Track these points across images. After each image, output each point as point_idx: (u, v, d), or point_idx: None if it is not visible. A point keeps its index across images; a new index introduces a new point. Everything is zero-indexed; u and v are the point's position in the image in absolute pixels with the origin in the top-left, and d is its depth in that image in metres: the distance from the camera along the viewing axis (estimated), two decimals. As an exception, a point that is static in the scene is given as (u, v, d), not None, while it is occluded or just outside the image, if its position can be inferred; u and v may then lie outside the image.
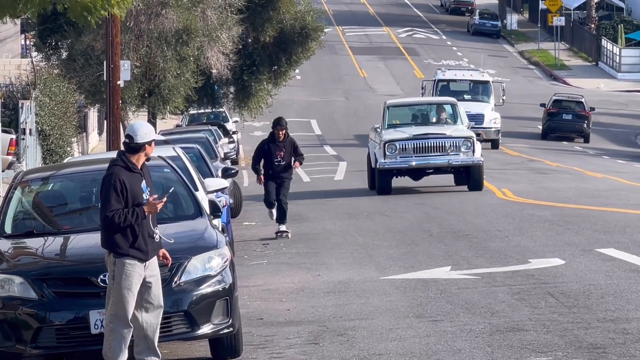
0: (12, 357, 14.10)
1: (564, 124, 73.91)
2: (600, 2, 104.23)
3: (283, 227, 23.84)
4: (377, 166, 45.79)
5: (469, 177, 44.92)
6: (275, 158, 24.35)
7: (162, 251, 13.88)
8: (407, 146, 45.18)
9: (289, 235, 23.71)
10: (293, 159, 25.43)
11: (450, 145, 44.30)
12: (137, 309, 13.51)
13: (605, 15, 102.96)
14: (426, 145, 44.98)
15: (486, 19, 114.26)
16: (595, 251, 22.71)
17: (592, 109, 73.15)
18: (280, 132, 24.66)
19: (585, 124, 71.31)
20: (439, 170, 47.04)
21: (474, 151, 44.34)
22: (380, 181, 46.39)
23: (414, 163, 45.14)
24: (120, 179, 13.53)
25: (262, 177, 24.76)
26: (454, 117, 48.22)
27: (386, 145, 45.40)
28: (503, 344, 14.70)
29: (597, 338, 14.51)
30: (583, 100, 75.03)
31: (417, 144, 44.90)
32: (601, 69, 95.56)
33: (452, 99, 51.32)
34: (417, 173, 47.28)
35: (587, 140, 71.30)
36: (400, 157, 45.21)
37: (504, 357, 13.88)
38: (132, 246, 13.53)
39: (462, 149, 44.02)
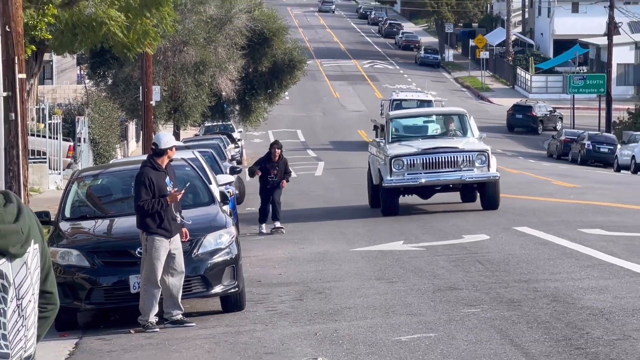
0: (71, 311, 14.08)
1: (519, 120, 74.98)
2: (516, 40, 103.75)
3: (278, 224, 22.96)
4: (383, 184, 31.74)
5: (483, 194, 32.45)
6: (269, 175, 23.65)
7: (184, 230, 14.23)
8: (415, 162, 31.85)
9: (283, 231, 22.70)
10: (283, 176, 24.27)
11: (464, 160, 31.97)
12: (164, 274, 13.84)
13: (519, 50, 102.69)
14: (437, 160, 32.01)
15: (429, 53, 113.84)
16: (512, 229, 23.08)
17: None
18: (276, 152, 23.95)
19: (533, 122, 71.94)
20: (450, 187, 33.61)
21: (489, 166, 32.28)
22: (386, 200, 32.20)
23: (423, 180, 31.88)
24: (149, 177, 14.00)
25: (258, 172, 24.17)
26: (464, 129, 35.25)
27: (392, 161, 31.62)
28: (443, 299, 14.80)
29: (514, 294, 14.63)
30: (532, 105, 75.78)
31: (426, 159, 31.93)
32: (517, 90, 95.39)
33: (462, 110, 37.64)
34: (426, 191, 33.67)
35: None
36: (408, 174, 31.74)
37: (444, 309, 13.97)
38: (159, 226, 13.92)
39: (477, 164, 32.10)
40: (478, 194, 30.56)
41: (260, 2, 69.56)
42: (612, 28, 70.49)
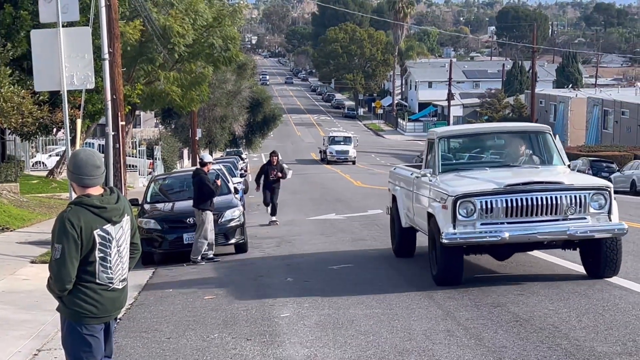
0: (150, 254, 13.96)
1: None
2: (397, 103, 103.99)
3: (274, 218, 19.88)
4: (442, 239, 9.06)
5: (599, 255, 9.18)
6: (270, 175, 20.49)
7: (214, 206, 13.99)
8: (495, 204, 9.00)
9: (278, 223, 19.64)
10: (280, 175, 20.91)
11: (571, 202, 8.95)
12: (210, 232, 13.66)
13: (399, 108, 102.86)
14: (529, 202, 8.97)
15: (349, 110, 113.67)
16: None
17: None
18: (274, 158, 20.89)
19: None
20: (544, 244, 9.52)
21: (609, 212, 9.05)
22: (446, 264, 9.35)
23: (507, 235, 8.90)
24: (206, 176, 13.85)
25: (259, 186, 20.78)
26: (548, 154, 10.48)
27: (460, 203, 9.02)
28: (357, 245, 14.70)
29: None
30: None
31: (513, 200, 8.95)
32: (398, 131, 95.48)
33: (545, 126, 11.11)
34: (506, 249, 9.71)
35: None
36: (482, 224, 9.05)
37: (357, 251, 13.87)
38: (210, 205, 13.80)
39: (592, 209, 8.98)
40: (579, 250, 9.69)
41: (256, 82, 70.22)
42: (450, 97, 70.86)
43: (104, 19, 15.35)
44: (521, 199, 8.99)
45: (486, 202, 9.04)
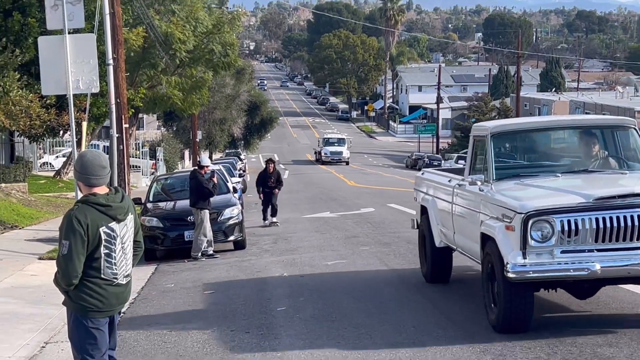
0: (152, 251, 13.89)
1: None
2: (389, 106, 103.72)
3: (274, 219, 19.09)
4: (509, 272, 6.15)
5: None
6: (267, 183, 19.42)
7: (211, 205, 13.97)
8: (583, 225, 6.00)
9: (278, 224, 18.84)
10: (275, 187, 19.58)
11: None
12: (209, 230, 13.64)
13: (391, 111, 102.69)
14: (627, 221, 5.98)
15: (343, 113, 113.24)
16: (387, 205, 22.65)
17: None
18: (270, 166, 19.69)
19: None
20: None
21: None
22: (513, 303, 6.39)
23: (598, 267, 5.95)
24: (203, 177, 13.79)
25: (261, 195, 19.61)
26: (632, 154, 7.43)
27: (533, 222, 6.05)
28: (349, 242, 14.68)
29: (388, 239, 14.55)
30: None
31: (606, 219, 5.97)
32: (390, 133, 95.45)
33: (629, 119, 7.66)
34: (591, 286, 6.63)
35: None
36: (563, 252, 6.04)
37: (350, 247, 13.85)
38: (208, 204, 13.77)
39: None
40: None
41: (253, 86, 70.17)
42: (439, 100, 70.85)
43: (108, 26, 15.31)
44: (617, 218, 6.27)
45: (569, 221, 6.25)
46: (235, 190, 16.72)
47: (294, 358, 7.00)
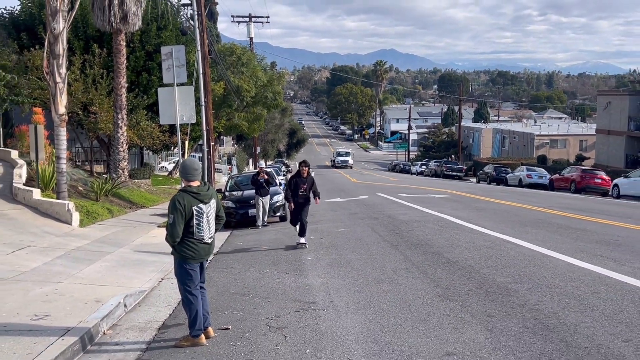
0: (228, 222, 13.81)
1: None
2: (378, 131, 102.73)
3: (302, 240, 10.06)
4: None
5: None
6: (299, 190, 10.07)
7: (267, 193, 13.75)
8: None
9: (306, 246, 9.90)
10: (312, 194, 10.31)
11: None
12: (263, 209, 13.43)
13: (379, 135, 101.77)
14: None
15: (349, 136, 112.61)
16: (376, 194, 21.74)
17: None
18: (304, 170, 10.17)
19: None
20: None
21: None
22: None
23: None
24: (259, 178, 13.51)
25: (292, 204, 10.13)
26: None
27: None
28: (352, 217, 14.24)
29: (376, 215, 14.18)
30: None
31: None
32: (378, 148, 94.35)
33: None
34: None
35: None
36: None
37: (352, 220, 13.43)
38: (265, 192, 13.52)
39: None
40: None
41: (293, 119, 69.37)
42: (409, 128, 70.23)
43: (202, 81, 15.42)
44: None
45: None
46: (280, 184, 16.69)
47: (316, 285, 7.04)
